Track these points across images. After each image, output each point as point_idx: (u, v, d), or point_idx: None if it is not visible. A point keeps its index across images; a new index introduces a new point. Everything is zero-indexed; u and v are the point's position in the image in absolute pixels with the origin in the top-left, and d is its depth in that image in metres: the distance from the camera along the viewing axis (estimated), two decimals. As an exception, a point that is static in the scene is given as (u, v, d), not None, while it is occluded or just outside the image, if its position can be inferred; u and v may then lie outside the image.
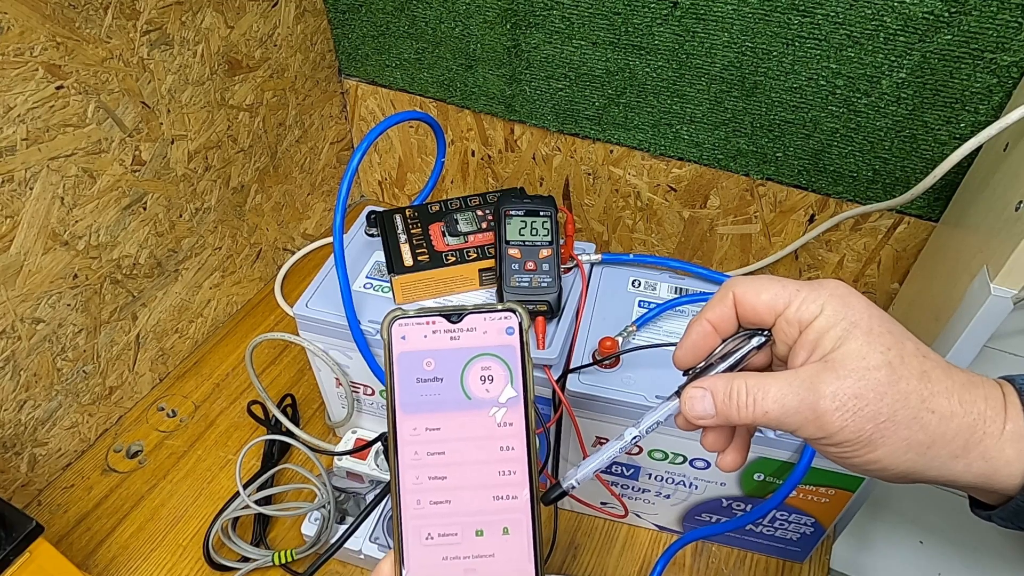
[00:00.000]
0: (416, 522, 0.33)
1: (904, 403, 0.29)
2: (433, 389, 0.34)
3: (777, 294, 0.32)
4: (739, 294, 0.33)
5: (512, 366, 0.34)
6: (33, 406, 0.67)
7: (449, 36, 0.83)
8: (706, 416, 0.33)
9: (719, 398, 0.32)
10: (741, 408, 0.31)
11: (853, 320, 0.30)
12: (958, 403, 0.29)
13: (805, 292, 0.31)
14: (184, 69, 0.71)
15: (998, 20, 0.58)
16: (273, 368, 0.83)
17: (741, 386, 0.32)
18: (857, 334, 0.30)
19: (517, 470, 0.33)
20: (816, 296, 0.31)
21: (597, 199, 0.88)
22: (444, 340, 0.34)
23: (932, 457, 0.29)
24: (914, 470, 0.30)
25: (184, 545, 0.67)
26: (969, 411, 0.29)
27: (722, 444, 0.36)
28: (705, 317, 0.34)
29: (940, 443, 0.29)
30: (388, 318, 0.34)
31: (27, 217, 0.60)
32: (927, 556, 0.75)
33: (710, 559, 0.66)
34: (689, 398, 0.33)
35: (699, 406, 0.33)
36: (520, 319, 0.34)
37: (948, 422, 0.29)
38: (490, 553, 0.33)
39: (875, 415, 0.29)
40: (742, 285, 0.33)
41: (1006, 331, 0.57)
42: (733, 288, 0.33)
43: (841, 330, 0.30)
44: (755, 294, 0.32)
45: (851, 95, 0.67)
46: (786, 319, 0.32)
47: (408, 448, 0.33)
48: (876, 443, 0.29)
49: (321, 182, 0.98)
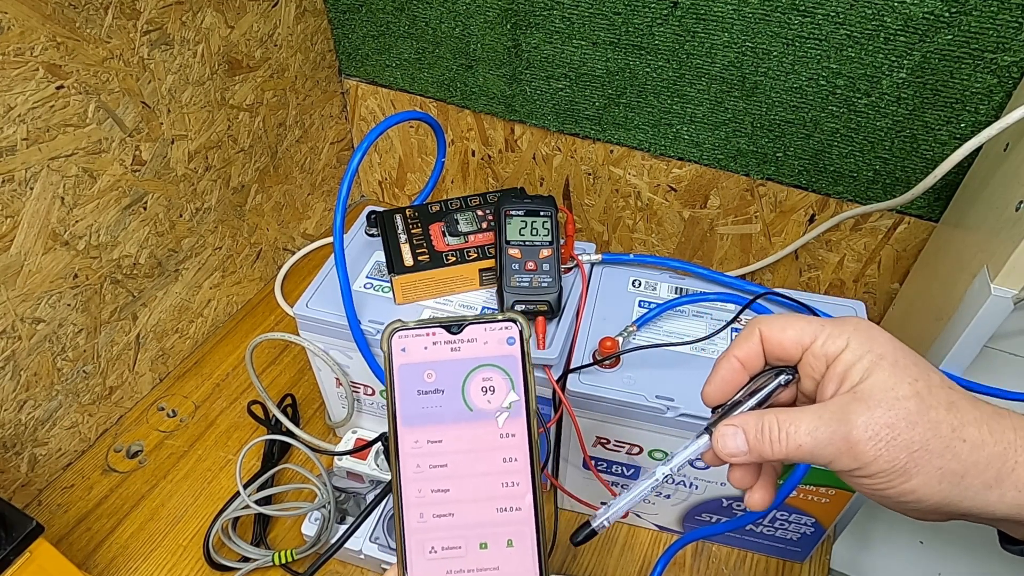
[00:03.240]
0: (419, 536, 0.33)
1: (935, 432, 0.29)
2: (434, 401, 0.34)
3: (803, 330, 0.32)
4: (766, 331, 0.34)
5: (513, 376, 0.34)
6: (33, 406, 0.67)
7: (449, 36, 0.83)
8: (739, 453, 0.33)
9: (751, 435, 0.32)
10: (774, 443, 0.32)
11: (879, 353, 0.31)
12: (988, 432, 0.29)
13: (830, 328, 0.32)
14: (184, 69, 0.71)
15: (998, 20, 0.58)
16: (273, 368, 0.83)
17: (772, 422, 0.32)
18: (884, 366, 0.30)
19: (520, 481, 0.33)
20: (841, 331, 0.32)
21: (597, 199, 0.88)
22: (444, 351, 0.34)
23: (966, 487, 0.29)
24: (949, 502, 0.29)
25: (184, 545, 0.67)
26: (999, 440, 0.29)
27: (749, 481, 0.36)
28: (733, 354, 0.34)
29: (973, 472, 0.29)
30: (388, 330, 0.34)
31: (27, 217, 0.60)
32: (927, 556, 0.75)
33: (710, 559, 0.66)
34: (722, 436, 0.33)
35: (732, 443, 0.33)
36: (521, 328, 0.34)
37: (980, 450, 0.29)
38: (494, 566, 0.33)
39: (908, 444, 0.29)
40: (768, 322, 0.34)
41: (1006, 331, 0.57)
42: (760, 325, 0.34)
43: (868, 362, 0.30)
44: (781, 330, 0.33)
45: (851, 95, 0.67)
46: (812, 353, 0.32)
47: (410, 461, 0.33)
48: (911, 472, 0.29)
49: (321, 182, 0.98)
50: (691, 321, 0.62)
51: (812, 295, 0.63)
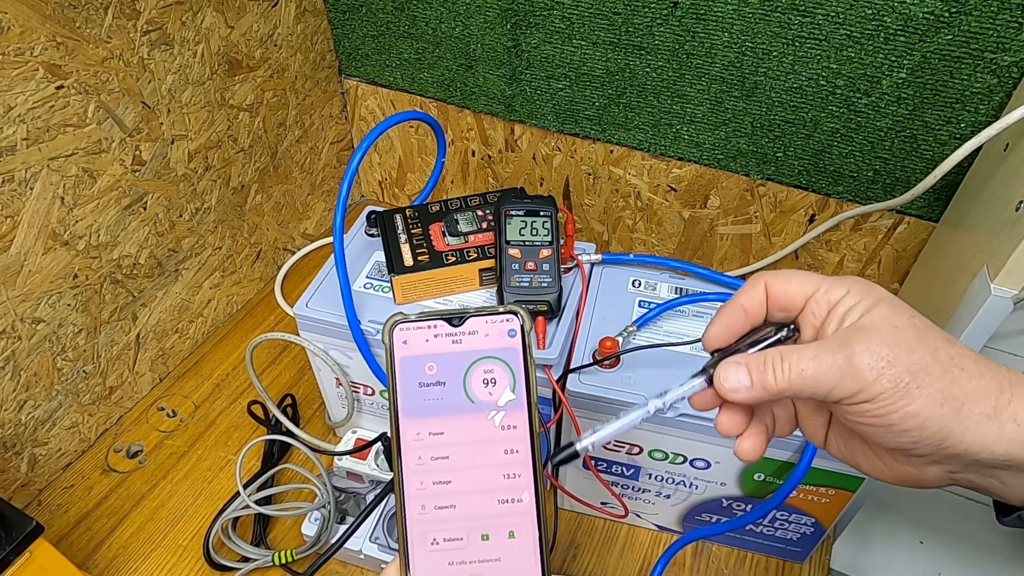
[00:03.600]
0: (421, 527, 0.33)
1: (935, 357, 0.30)
2: (436, 393, 0.34)
3: (807, 279, 0.34)
4: (771, 281, 0.35)
5: (515, 368, 0.34)
6: (33, 406, 0.67)
7: (449, 36, 0.83)
8: (740, 388, 0.33)
9: (755, 368, 0.33)
10: (777, 372, 0.32)
11: (877, 296, 0.32)
12: (984, 365, 0.31)
13: (831, 280, 0.34)
14: (184, 69, 0.71)
15: (998, 20, 0.58)
16: (273, 368, 0.83)
17: (776, 355, 0.33)
18: (883, 305, 0.32)
19: (522, 473, 0.33)
20: (842, 282, 0.33)
21: (597, 199, 0.88)
22: (446, 344, 0.34)
23: (966, 415, 0.30)
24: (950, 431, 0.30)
25: (184, 545, 0.67)
26: (995, 374, 0.30)
27: (737, 426, 0.36)
28: (739, 302, 0.35)
29: (973, 400, 0.30)
30: (389, 323, 0.34)
31: (27, 217, 0.60)
32: (927, 556, 0.75)
33: (710, 559, 0.66)
34: (724, 370, 0.34)
35: (734, 376, 0.33)
36: (522, 321, 0.34)
37: (978, 380, 0.30)
38: (496, 557, 0.33)
39: (909, 365, 0.30)
40: (772, 275, 0.35)
41: (1006, 331, 0.57)
42: (765, 277, 0.35)
43: (868, 303, 0.32)
44: (786, 280, 0.34)
45: (851, 95, 0.67)
46: (816, 300, 0.34)
47: (411, 453, 0.33)
48: (913, 393, 0.30)
49: (321, 182, 0.98)
50: (691, 321, 0.62)
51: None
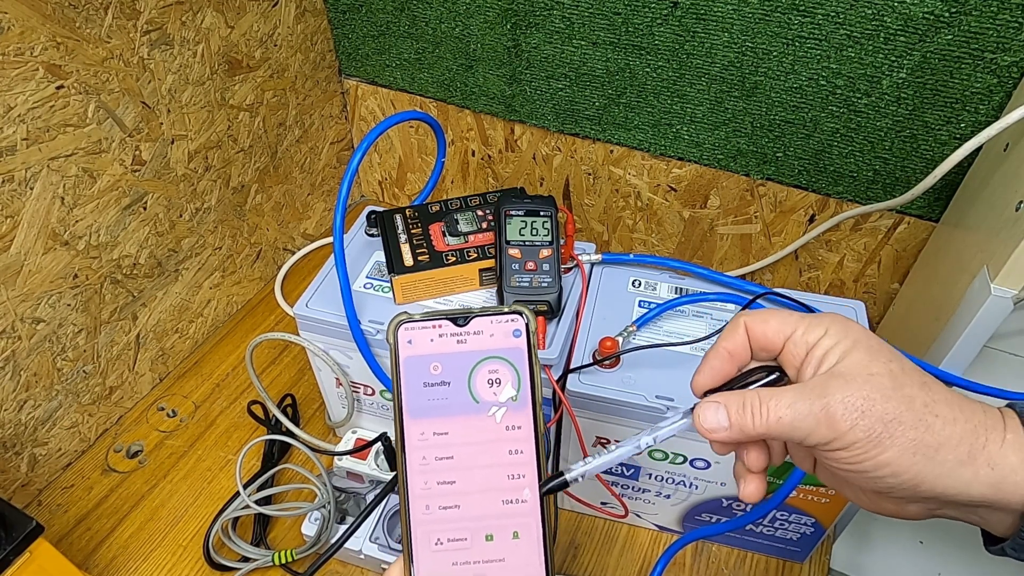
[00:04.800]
0: (425, 527, 0.33)
1: (909, 405, 0.30)
2: (440, 393, 0.34)
3: (784, 321, 0.34)
4: (749, 323, 0.35)
5: (520, 368, 0.34)
6: (33, 406, 0.67)
7: (449, 36, 0.83)
8: (719, 428, 0.34)
9: (733, 410, 0.33)
10: (755, 416, 0.32)
11: (855, 338, 0.32)
12: (959, 410, 0.31)
13: (809, 319, 0.34)
14: (184, 69, 0.71)
15: (998, 20, 0.58)
16: (273, 368, 0.83)
17: (754, 397, 0.33)
18: (860, 348, 0.32)
19: (526, 473, 0.33)
20: (820, 322, 0.33)
21: (597, 199, 0.88)
22: (451, 344, 0.34)
23: (940, 462, 0.30)
24: (924, 478, 0.30)
25: (184, 545, 0.67)
26: (970, 418, 0.31)
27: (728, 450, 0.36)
28: (722, 346, 0.36)
29: (947, 447, 0.30)
30: (394, 322, 0.34)
31: (27, 217, 0.60)
32: (927, 556, 0.75)
33: (710, 559, 0.66)
34: (703, 409, 0.34)
35: (712, 417, 0.34)
36: (527, 321, 0.34)
37: (952, 426, 0.30)
38: (500, 558, 0.33)
39: (883, 415, 0.30)
40: (751, 315, 0.35)
41: (1006, 331, 0.57)
42: (744, 318, 0.35)
43: (845, 347, 0.32)
44: (764, 322, 0.35)
45: (851, 95, 0.67)
46: (793, 342, 0.34)
47: (416, 453, 0.33)
48: (885, 443, 0.30)
49: (321, 182, 0.98)
50: (691, 321, 0.62)
51: (812, 295, 0.63)
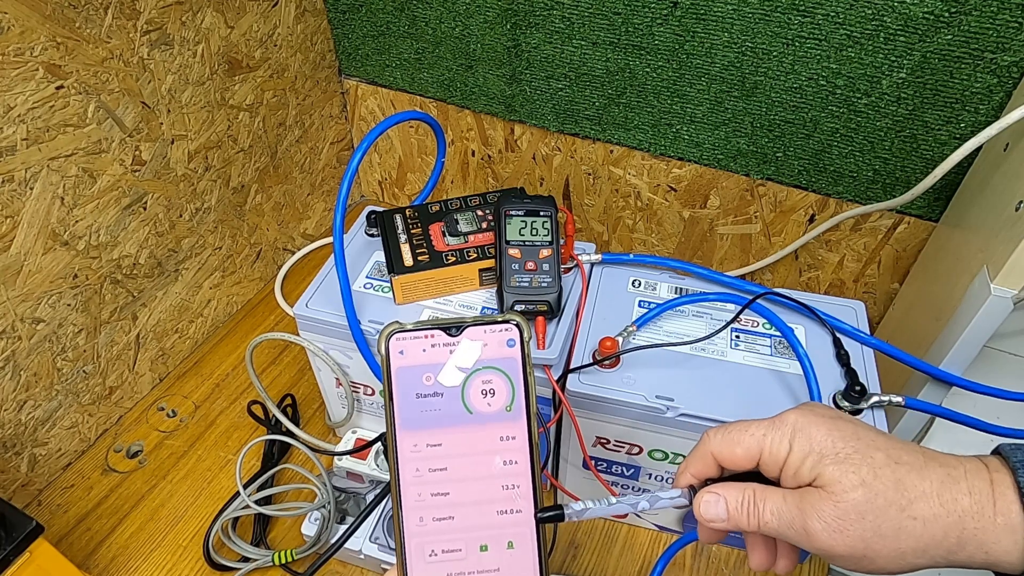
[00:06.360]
0: (419, 539, 0.32)
1: (885, 517, 0.31)
2: (433, 404, 0.33)
3: (749, 446, 0.35)
4: (716, 452, 0.36)
5: (514, 379, 0.33)
6: (33, 406, 0.67)
7: (449, 36, 0.83)
8: (717, 520, 0.35)
9: (732, 505, 0.35)
10: (750, 517, 0.34)
11: (820, 451, 0.33)
12: (939, 505, 0.31)
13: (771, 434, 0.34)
14: (184, 69, 0.71)
15: (998, 20, 0.58)
16: (273, 368, 0.83)
17: (751, 494, 0.34)
18: (827, 463, 0.33)
19: (521, 483, 0.33)
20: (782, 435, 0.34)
21: (597, 199, 0.88)
22: (444, 354, 0.33)
23: (932, 558, 0.31)
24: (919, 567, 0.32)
25: (184, 545, 0.67)
26: (951, 511, 0.31)
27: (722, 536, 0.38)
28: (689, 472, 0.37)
29: (933, 546, 0.31)
30: (385, 333, 0.33)
31: (27, 217, 0.60)
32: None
33: (710, 559, 0.66)
34: (704, 502, 0.36)
35: (712, 510, 0.35)
36: (521, 330, 0.34)
37: (934, 524, 0.31)
38: (495, 568, 0.33)
39: (861, 534, 0.31)
40: (717, 442, 0.36)
41: (1006, 331, 0.57)
42: (710, 447, 0.36)
43: (812, 462, 0.33)
44: (731, 451, 0.36)
45: (851, 95, 0.67)
46: (764, 463, 0.35)
47: (409, 465, 0.33)
48: (872, 558, 0.31)
49: (321, 182, 0.98)
50: (691, 321, 0.62)
51: (812, 295, 0.63)
